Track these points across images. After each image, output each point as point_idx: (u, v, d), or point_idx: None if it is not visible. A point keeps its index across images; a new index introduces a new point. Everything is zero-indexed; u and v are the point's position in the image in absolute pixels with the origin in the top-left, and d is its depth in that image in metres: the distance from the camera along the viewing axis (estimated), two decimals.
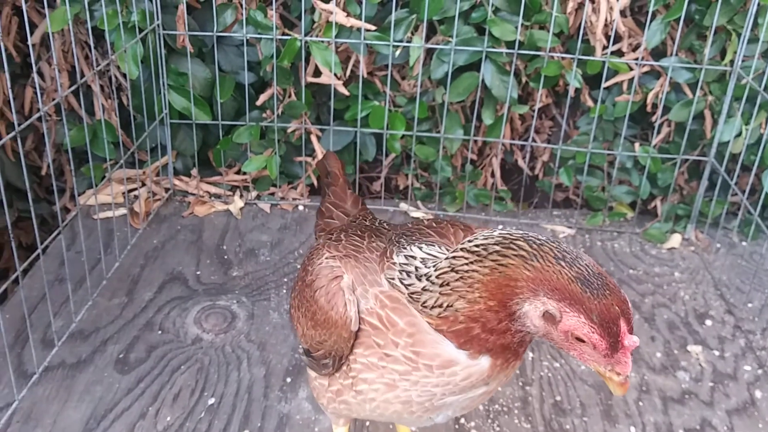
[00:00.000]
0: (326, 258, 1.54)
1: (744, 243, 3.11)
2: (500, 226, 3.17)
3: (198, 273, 2.75)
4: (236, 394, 2.20)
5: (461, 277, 1.25)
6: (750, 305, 2.74)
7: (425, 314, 1.35)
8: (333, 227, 1.87)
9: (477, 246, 1.25)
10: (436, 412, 1.50)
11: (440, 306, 1.31)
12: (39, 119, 2.94)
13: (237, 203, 3.16)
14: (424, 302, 1.35)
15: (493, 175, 3.27)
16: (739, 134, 2.87)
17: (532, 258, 1.17)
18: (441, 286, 1.30)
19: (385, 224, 1.75)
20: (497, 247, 1.22)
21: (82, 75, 2.92)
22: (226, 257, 2.86)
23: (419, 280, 1.37)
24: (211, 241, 2.95)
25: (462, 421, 2.14)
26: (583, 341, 1.17)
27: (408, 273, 1.40)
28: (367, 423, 2.10)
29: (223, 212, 3.14)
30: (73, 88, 2.44)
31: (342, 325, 1.44)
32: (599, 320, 1.12)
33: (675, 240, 3.08)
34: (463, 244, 1.30)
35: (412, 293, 1.37)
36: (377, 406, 1.53)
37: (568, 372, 2.36)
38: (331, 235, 1.67)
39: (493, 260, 1.21)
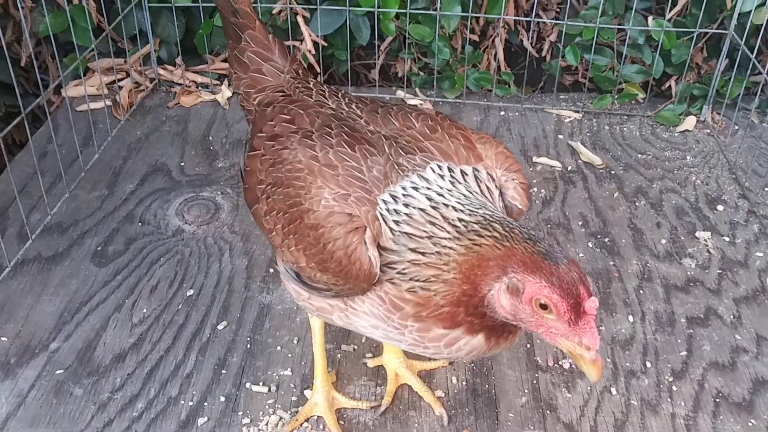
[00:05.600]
0: (332, 198, 1.35)
1: (765, 124, 2.90)
2: (502, 113, 2.99)
3: (182, 164, 2.63)
4: (216, 285, 2.11)
5: (438, 252, 1.26)
6: (767, 189, 2.57)
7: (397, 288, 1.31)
8: (267, 86, 1.66)
9: (459, 220, 1.27)
10: None
11: (413, 279, 1.28)
12: (15, 6, 2.79)
13: (225, 93, 3.00)
14: (391, 263, 1.30)
15: (495, 57, 3.06)
16: (763, 3, 2.61)
17: (503, 239, 1.23)
18: (413, 251, 1.28)
19: (355, 107, 1.54)
20: (476, 227, 1.26)
21: None
22: (212, 148, 2.73)
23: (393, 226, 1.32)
24: (197, 132, 2.81)
25: None
26: (547, 307, 1.19)
27: (397, 221, 1.32)
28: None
29: (210, 102, 2.99)
30: None
31: (364, 278, 1.33)
32: (558, 282, 1.17)
33: (689, 122, 2.88)
34: (447, 208, 1.29)
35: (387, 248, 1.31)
36: (360, 331, 1.49)
37: None
38: (294, 126, 1.48)
39: (470, 239, 1.25)
